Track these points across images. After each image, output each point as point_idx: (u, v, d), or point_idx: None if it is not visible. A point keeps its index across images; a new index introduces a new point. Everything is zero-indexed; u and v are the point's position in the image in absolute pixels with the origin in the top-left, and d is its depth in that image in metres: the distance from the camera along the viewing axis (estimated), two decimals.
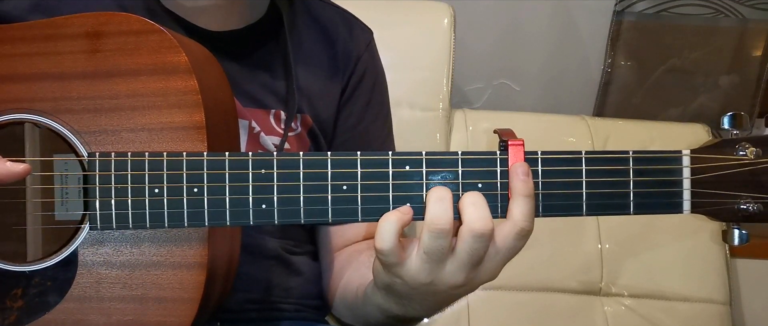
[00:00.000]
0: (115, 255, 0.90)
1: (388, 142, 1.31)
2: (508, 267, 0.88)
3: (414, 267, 0.85)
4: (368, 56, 1.28)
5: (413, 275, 0.86)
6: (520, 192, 0.83)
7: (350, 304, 1.15)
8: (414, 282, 0.86)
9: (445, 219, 0.82)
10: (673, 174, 0.84)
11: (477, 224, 0.82)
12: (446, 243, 0.83)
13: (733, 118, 0.84)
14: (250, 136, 1.13)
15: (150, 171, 0.87)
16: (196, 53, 0.94)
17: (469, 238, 0.82)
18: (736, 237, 0.85)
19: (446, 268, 0.85)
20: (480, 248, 0.83)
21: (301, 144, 1.18)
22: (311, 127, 1.19)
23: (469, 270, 0.85)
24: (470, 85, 2.00)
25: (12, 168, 0.85)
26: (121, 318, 0.90)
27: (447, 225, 0.82)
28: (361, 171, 0.85)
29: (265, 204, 0.86)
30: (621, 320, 1.65)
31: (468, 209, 0.83)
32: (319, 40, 1.23)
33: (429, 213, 0.82)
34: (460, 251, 0.83)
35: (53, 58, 0.91)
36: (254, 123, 1.13)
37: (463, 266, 0.84)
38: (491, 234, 0.83)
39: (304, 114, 1.18)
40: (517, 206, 0.83)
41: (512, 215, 0.83)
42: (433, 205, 0.82)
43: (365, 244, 1.23)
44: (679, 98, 2.01)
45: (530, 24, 1.94)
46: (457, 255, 0.84)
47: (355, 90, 1.25)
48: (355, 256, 1.20)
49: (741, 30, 1.97)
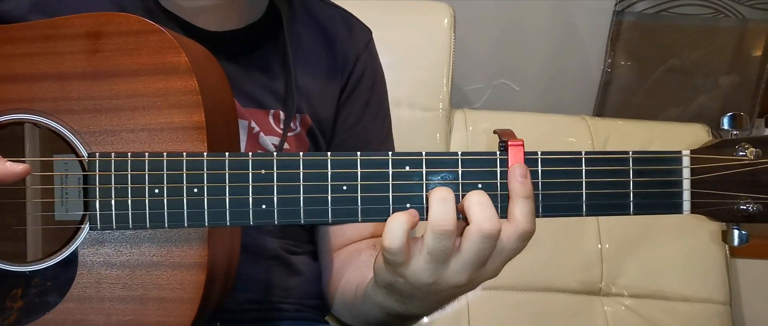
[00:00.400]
0: (115, 255, 0.90)
1: (387, 141, 1.31)
2: (508, 267, 0.88)
3: (418, 268, 0.85)
4: (367, 56, 1.28)
5: (417, 275, 0.86)
6: (519, 194, 0.82)
7: (349, 303, 1.15)
8: (417, 282, 0.86)
9: (449, 220, 0.82)
10: (673, 174, 0.84)
11: (486, 224, 0.82)
12: (450, 243, 0.83)
13: (733, 118, 0.84)
14: (250, 136, 1.13)
15: (150, 172, 0.87)
16: (196, 53, 0.94)
17: (477, 238, 0.82)
18: (735, 238, 0.85)
19: (450, 268, 0.85)
20: (487, 248, 0.83)
21: (300, 144, 1.18)
22: (310, 126, 1.19)
23: (473, 270, 0.85)
24: (470, 85, 2.00)
25: (12, 168, 0.86)
26: (121, 318, 0.90)
27: (451, 226, 0.82)
28: (361, 171, 0.85)
29: (265, 204, 0.86)
30: (621, 320, 1.65)
31: (475, 209, 0.82)
32: (318, 40, 1.23)
33: (432, 214, 0.82)
34: (467, 251, 0.83)
35: (53, 58, 0.91)
36: (254, 123, 1.13)
37: (467, 266, 0.84)
38: (498, 234, 0.82)
39: (303, 114, 1.18)
40: (517, 208, 0.83)
41: (514, 217, 0.83)
42: (436, 206, 0.82)
43: (365, 244, 1.23)
44: (679, 98, 2.01)
45: (530, 24, 1.94)
46: (462, 255, 0.84)
47: (355, 90, 1.25)
48: (354, 256, 1.20)
49: (741, 30, 1.97)
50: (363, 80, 1.26)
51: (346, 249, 1.25)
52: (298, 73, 1.18)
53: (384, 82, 1.32)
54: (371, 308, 1.03)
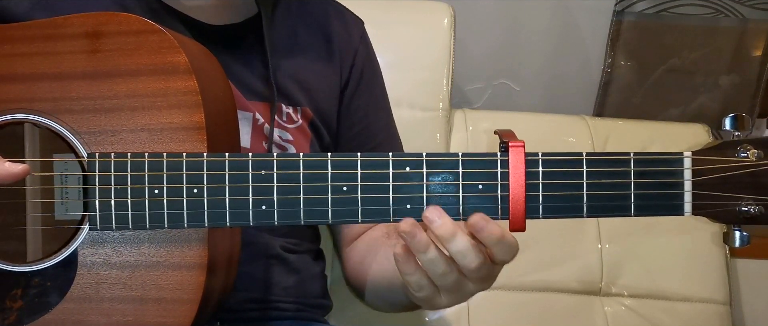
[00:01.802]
0: (115, 255, 0.90)
1: (392, 128, 1.34)
2: (508, 267, 0.89)
3: (436, 302, 0.91)
4: (364, 48, 1.30)
5: None
6: None
7: (385, 296, 1.19)
8: None
9: (469, 251, 0.84)
10: (674, 175, 0.84)
11: (473, 264, 0.85)
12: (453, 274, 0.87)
13: (734, 119, 0.84)
14: (254, 128, 1.13)
15: (150, 172, 0.87)
16: (196, 53, 0.94)
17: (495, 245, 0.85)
18: (737, 239, 0.85)
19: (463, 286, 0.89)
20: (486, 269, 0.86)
21: (303, 136, 1.18)
22: (312, 118, 1.20)
23: (492, 268, 0.88)
24: (470, 85, 2.00)
25: (11, 168, 0.86)
26: (120, 318, 0.90)
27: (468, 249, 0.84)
28: (361, 172, 0.85)
29: (265, 205, 0.86)
30: (621, 320, 1.65)
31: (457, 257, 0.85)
32: (314, 33, 1.24)
33: (453, 253, 0.84)
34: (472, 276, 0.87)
35: (53, 58, 0.91)
36: (258, 114, 1.14)
37: (481, 281, 0.88)
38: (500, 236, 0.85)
39: (303, 107, 1.19)
40: None
41: None
42: (427, 263, 0.85)
43: (378, 231, 1.25)
44: (679, 98, 2.01)
45: (530, 24, 1.94)
46: (472, 278, 0.87)
47: (358, 84, 1.27)
48: (373, 247, 1.23)
49: (741, 30, 1.97)
50: (364, 73, 1.28)
51: (361, 238, 1.27)
52: (296, 66, 1.19)
53: (380, 70, 1.34)
54: (403, 298, 1.06)
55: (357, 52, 1.27)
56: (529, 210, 0.85)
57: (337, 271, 1.60)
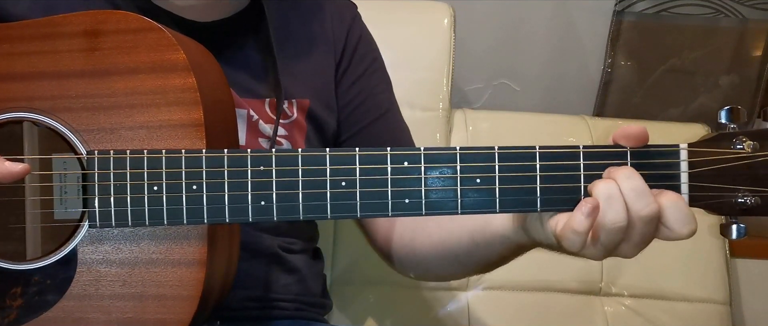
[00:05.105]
0: (115, 253, 0.90)
1: (392, 108, 1.31)
2: (508, 267, 0.89)
3: (589, 253, 0.86)
4: (356, 28, 1.28)
5: (586, 256, 0.87)
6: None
7: (456, 256, 1.10)
8: None
9: (621, 218, 0.82)
10: (671, 168, 0.84)
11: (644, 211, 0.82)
12: (622, 235, 0.83)
13: (730, 111, 0.84)
14: (249, 125, 1.13)
15: (149, 169, 0.87)
16: (194, 51, 0.94)
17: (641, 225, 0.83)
18: (734, 231, 0.85)
19: (619, 250, 0.86)
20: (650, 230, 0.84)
21: (298, 130, 1.18)
22: (309, 108, 1.19)
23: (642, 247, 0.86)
24: (470, 85, 2.00)
25: (11, 167, 0.86)
26: (120, 315, 0.90)
27: (624, 223, 0.82)
28: (359, 167, 0.85)
29: (264, 200, 0.86)
30: (621, 320, 1.65)
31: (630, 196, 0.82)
32: (306, 21, 1.23)
33: (604, 214, 0.82)
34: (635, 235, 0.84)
35: (51, 56, 0.91)
36: (252, 112, 1.13)
37: (637, 246, 0.85)
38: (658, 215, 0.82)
39: (299, 99, 1.18)
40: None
41: None
42: (606, 205, 0.82)
43: None
44: (679, 98, 2.01)
45: (530, 24, 1.94)
46: (632, 239, 0.84)
47: (350, 63, 1.25)
48: None
49: (741, 30, 1.97)
50: (357, 52, 1.26)
51: None
52: (290, 57, 1.18)
53: (378, 49, 1.32)
54: (491, 252, 1.03)
55: (349, 33, 1.26)
56: (529, 204, 0.85)
57: (336, 271, 1.61)
